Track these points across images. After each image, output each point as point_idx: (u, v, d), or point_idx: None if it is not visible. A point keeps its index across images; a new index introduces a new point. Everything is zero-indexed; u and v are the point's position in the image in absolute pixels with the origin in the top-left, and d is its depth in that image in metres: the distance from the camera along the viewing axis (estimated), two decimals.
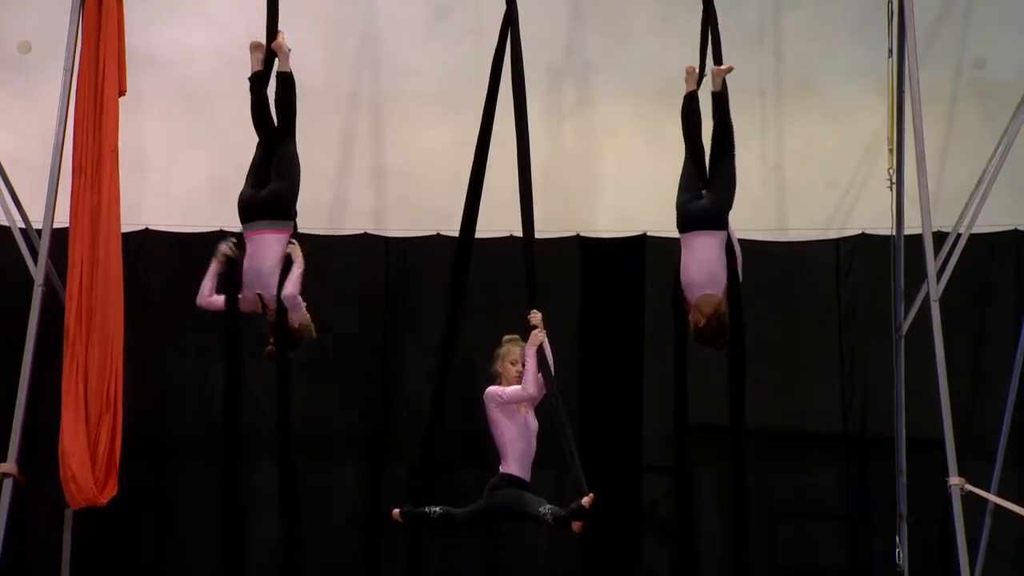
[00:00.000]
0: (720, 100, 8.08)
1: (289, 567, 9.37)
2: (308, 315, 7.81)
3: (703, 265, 7.80)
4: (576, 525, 6.92)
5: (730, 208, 7.91)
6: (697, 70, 8.25)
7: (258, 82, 7.98)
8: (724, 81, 8.08)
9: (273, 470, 9.40)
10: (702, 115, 8.18)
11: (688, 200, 7.97)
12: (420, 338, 9.39)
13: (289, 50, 7.91)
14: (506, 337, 7.52)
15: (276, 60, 7.96)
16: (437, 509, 7.45)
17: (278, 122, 7.90)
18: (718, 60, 8.15)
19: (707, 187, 7.98)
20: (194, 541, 9.45)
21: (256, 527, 9.40)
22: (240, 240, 7.80)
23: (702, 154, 8.11)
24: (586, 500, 6.86)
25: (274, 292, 7.68)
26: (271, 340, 7.78)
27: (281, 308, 7.70)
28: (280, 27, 7.99)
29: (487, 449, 7.48)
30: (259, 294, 7.72)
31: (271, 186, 7.80)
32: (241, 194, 7.85)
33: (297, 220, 7.87)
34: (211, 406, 9.49)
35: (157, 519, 9.44)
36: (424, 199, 9.74)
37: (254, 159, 7.96)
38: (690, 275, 7.83)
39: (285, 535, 9.39)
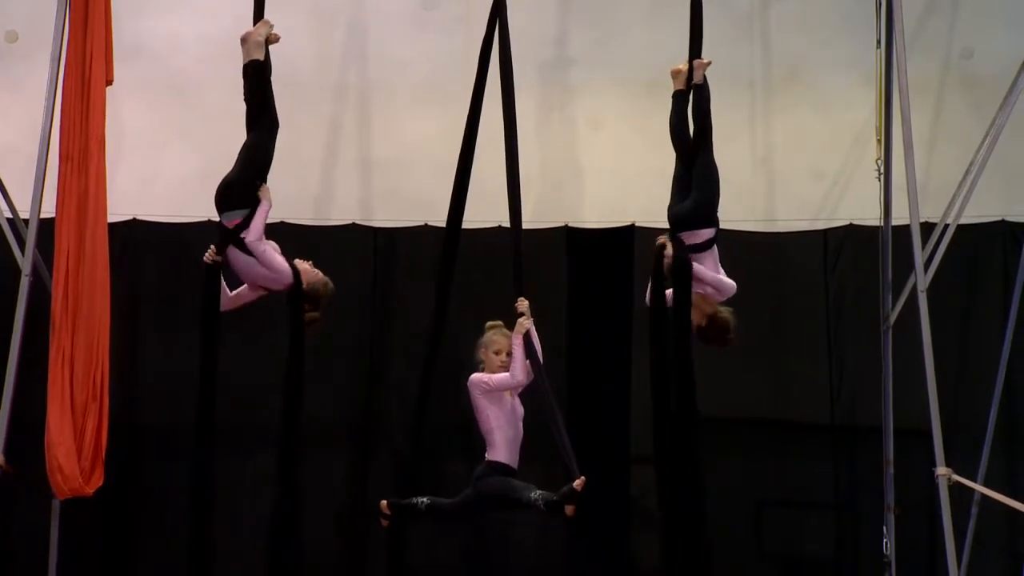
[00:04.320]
0: (701, 92, 8.09)
1: (276, 558, 9.37)
2: (316, 272, 7.60)
3: None
4: (568, 508, 6.90)
5: (716, 205, 7.92)
6: (684, 69, 8.24)
7: None
8: (704, 75, 8.11)
9: (260, 460, 9.42)
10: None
11: (675, 203, 8.04)
12: (408, 329, 9.39)
13: (259, 39, 7.74)
14: (489, 324, 7.49)
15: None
16: (424, 500, 7.44)
17: (249, 112, 7.81)
18: (698, 53, 8.15)
19: (692, 187, 8.01)
20: (180, 532, 9.43)
21: (243, 518, 9.40)
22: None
23: (688, 156, 8.12)
24: (578, 483, 6.85)
25: (263, 276, 7.54)
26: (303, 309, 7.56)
27: (296, 280, 7.54)
28: (268, 17, 7.92)
29: (476, 438, 7.47)
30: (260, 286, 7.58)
31: (225, 176, 7.61)
32: None
33: (267, 206, 7.51)
34: (198, 396, 9.48)
35: (143, 510, 9.43)
36: (412, 189, 9.73)
37: None
38: None
39: (271, 526, 9.39)
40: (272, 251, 7.48)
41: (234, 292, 7.60)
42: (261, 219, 7.46)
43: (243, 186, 7.50)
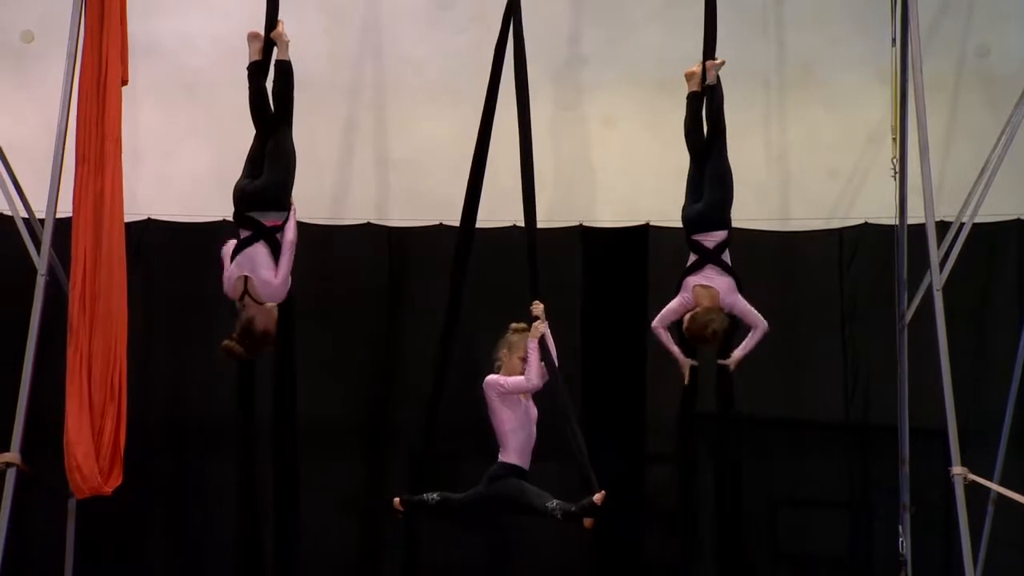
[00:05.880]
0: (714, 92, 8.11)
1: (292, 557, 9.40)
2: (274, 321, 7.65)
3: None
4: (587, 521, 6.89)
5: (729, 207, 7.96)
6: (698, 71, 8.24)
7: (256, 72, 7.91)
8: (717, 75, 8.12)
9: (276, 460, 9.44)
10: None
11: (688, 205, 8.05)
12: (423, 328, 9.37)
13: (288, 40, 7.87)
14: (514, 326, 7.49)
15: (275, 49, 7.92)
16: (435, 495, 7.44)
17: (275, 111, 7.80)
18: (712, 52, 8.15)
19: (704, 187, 8.03)
20: (197, 530, 9.47)
21: (258, 517, 9.42)
22: None
23: (702, 157, 8.13)
24: (598, 497, 6.82)
25: (263, 277, 7.57)
26: (235, 334, 7.59)
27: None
28: (281, 16, 7.95)
29: (490, 438, 7.47)
30: (246, 276, 7.61)
31: (263, 177, 7.69)
32: (235, 185, 7.78)
33: (295, 208, 7.78)
34: (214, 396, 9.51)
35: (161, 509, 9.46)
36: (427, 189, 9.73)
37: (251, 149, 7.86)
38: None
39: (288, 525, 9.41)
40: (291, 264, 7.58)
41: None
42: (295, 224, 7.64)
43: (283, 189, 7.67)
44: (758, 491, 9.46)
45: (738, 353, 8.01)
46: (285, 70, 7.83)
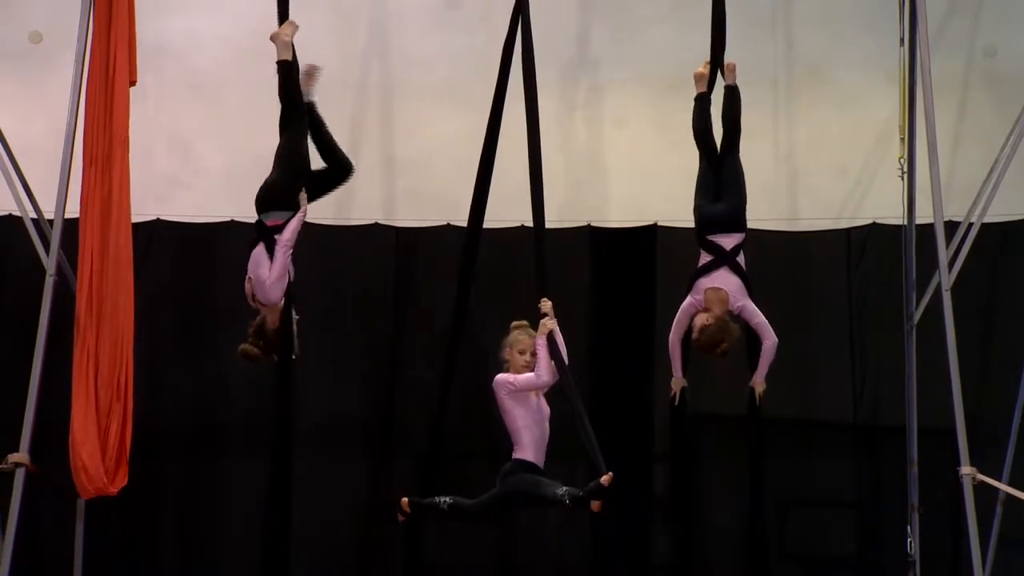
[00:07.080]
0: (733, 95, 8.12)
1: (297, 558, 9.40)
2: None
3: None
4: (595, 504, 6.89)
5: (745, 210, 7.99)
6: (707, 72, 8.25)
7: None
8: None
9: (281, 461, 9.43)
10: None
11: (703, 203, 8.02)
12: (430, 329, 9.39)
13: (285, 40, 7.84)
14: (514, 324, 7.48)
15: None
16: (447, 499, 7.44)
17: (281, 112, 7.87)
18: (722, 52, 8.15)
19: (722, 189, 8.02)
20: (204, 530, 9.48)
21: (265, 518, 9.41)
22: None
23: (715, 157, 8.13)
24: (605, 479, 6.82)
25: (260, 277, 7.59)
26: (250, 338, 7.67)
27: (286, 313, 7.66)
28: (290, 17, 7.96)
29: (499, 439, 7.47)
30: (250, 278, 7.67)
31: (267, 178, 7.78)
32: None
33: (305, 208, 7.77)
34: (220, 396, 9.52)
35: (167, 509, 9.47)
36: (434, 189, 9.73)
37: None
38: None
39: (293, 526, 9.41)
40: (287, 265, 7.58)
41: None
42: (295, 224, 7.62)
43: (285, 188, 7.70)
44: (766, 491, 9.43)
45: (761, 375, 8.07)
46: (283, 71, 7.83)
